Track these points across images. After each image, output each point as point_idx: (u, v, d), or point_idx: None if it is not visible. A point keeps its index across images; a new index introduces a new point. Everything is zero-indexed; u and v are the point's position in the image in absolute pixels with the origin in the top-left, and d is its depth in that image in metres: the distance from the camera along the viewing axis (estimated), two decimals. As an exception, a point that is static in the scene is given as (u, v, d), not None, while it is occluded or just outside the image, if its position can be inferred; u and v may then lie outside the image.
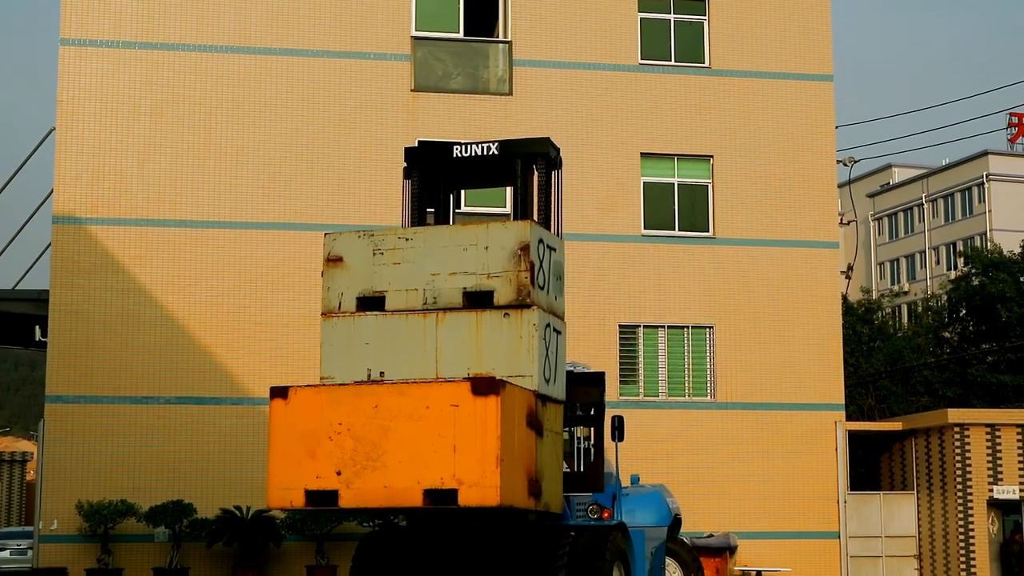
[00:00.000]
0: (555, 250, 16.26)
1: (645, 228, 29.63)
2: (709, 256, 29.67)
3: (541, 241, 15.75)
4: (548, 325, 15.67)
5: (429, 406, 14.36)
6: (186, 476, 26.86)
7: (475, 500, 14.09)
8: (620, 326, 29.17)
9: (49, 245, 27.86)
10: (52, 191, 27.85)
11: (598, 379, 17.58)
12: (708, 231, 29.88)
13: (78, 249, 27.36)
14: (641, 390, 29.25)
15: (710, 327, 29.45)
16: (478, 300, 15.41)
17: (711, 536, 27.94)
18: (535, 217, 17.01)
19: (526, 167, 17.22)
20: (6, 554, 39.13)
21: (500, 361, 15.24)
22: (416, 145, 28.11)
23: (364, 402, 14.71)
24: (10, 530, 43.89)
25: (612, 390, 28.29)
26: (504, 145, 17.43)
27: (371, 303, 15.83)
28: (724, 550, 27.89)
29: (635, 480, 22.54)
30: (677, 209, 29.92)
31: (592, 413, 17.45)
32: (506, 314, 15.27)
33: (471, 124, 28.97)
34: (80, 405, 26.89)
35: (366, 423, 14.59)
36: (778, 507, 28.95)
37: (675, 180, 29.95)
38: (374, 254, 15.94)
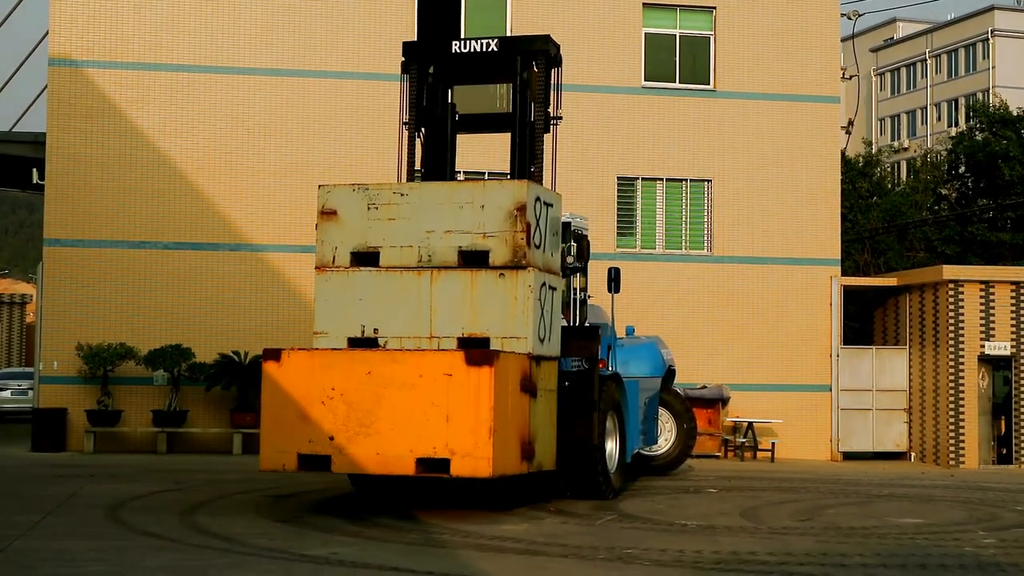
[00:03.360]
0: (552, 206, 16.21)
1: (646, 80, 29.40)
2: (709, 109, 29.50)
3: (538, 199, 15.67)
4: (544, 284, 15.70)
5: (423, 374, 14.43)
6: (184, 321, 27.05)
7: (467, 471, 14.27)
8: (618, 178, 29.12)
9: (45, 87, 27.66)
10: (47, 33, 27.57)
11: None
12: (709, 84, 29.66)
13: (74, 92, 27.17)
14: (638, 242, 29.31)
15: (708, 180, 29.40)
16: (473, 259, 15.39)
17: (704, 388, 28.26)
18: (533, 108, 16.99)
19: (525, 64, 17.09)
20: (7, 394, 39.62)
21: (494, 322, 15.30)
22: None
23: (357, 368, 14.80)
24: (11, 371, 44.36)
25: (609, 242, 28.42)
26: (504, 42, 17.31)
27: (365, 258, 15.76)
28: (717, 402, 28.23)
29: (630, 331, 22.76)
30: (678, 61, 29.66)
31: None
32: (501, 275, 15.25)
33: (472, -29, 28.60)
34: (78, 249, 26.96)
35: (359, 389, 14.70)
36: (771, 360, 29.22)
37: (677, 31, 29.64)
38: (369, 209, 15.79)
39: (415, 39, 27.80)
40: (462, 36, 28.19)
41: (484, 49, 17.19)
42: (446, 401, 14.31)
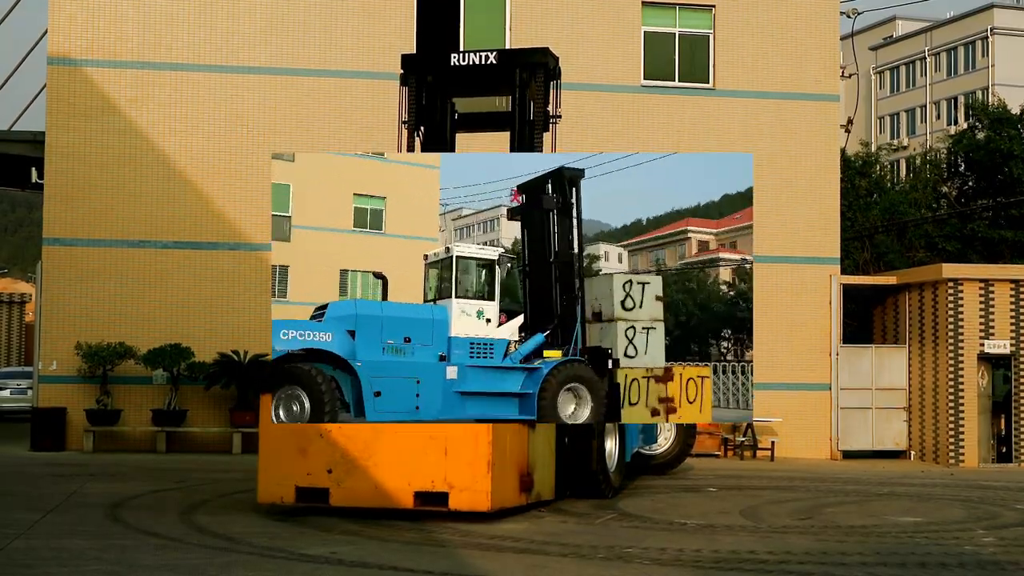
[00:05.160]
0: None
1: (645, 79, 29.38)
2: (709, 107, 29.45)
3: None
4: None
5: None
6: (184, 320, 27.04)
7: (466, 505, 14.38)
8: (618, 177, 29.09)
9: (44, 86, 27.65)
10: (46, 31, 27.55)
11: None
12: (708, 82, 29.64)
13: (74, 91, 27.16)
14: (637, 241, 29.28)
15: (708, 179, 29.37)
16: None
17: (703, 386, 28.21)
18: (531, 119, 16.99)
19: (524, 76, 17.08)
20: (6, 393, 39.60)
21: None
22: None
23: None
24: (10, 370, 44.31)
25: (608, 240, 28.31)
26: (502, 54, 17.30)
27: None
28: (716, 400, 28.23)
29: (630, 330, 22.69)
30: (678, 60, 29.63)
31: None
32: None
33: (471, -31, 28.60)
34: (77, 248, 26.94)
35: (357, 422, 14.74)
36: (771, 358, 29.19)
37: (676, 30, 29.62)
38: None
39: (415, 40, 27.83)
40: (462, 34, 28.17)
41: (483, 62, 17.18)
42: (444, 435, 14.42)
